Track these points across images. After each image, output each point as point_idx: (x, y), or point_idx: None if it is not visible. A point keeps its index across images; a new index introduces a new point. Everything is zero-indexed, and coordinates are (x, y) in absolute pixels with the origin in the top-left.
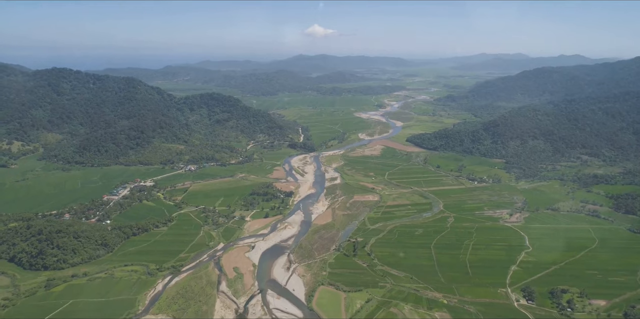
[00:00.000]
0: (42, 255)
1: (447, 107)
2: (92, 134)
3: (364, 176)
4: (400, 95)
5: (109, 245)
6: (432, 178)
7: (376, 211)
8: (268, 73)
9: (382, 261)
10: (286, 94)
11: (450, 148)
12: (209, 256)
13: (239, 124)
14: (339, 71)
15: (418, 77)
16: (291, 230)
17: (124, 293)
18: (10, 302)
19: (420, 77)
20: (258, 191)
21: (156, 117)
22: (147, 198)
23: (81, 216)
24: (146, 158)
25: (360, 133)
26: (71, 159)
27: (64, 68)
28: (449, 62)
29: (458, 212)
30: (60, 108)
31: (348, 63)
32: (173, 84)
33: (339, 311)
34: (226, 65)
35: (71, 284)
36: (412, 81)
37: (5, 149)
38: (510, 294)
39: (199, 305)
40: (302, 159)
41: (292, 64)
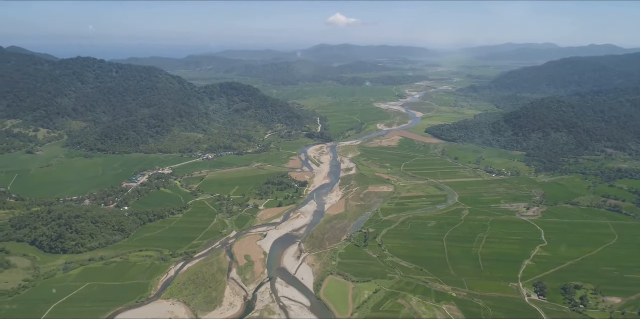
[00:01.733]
0: (62, 239)
1: (469, 98)
2: (113, 122)
3: (379, 167)
4: (422, 85)
5: (125, 230)
6: (448, 170)
7: (390, 202)
8: (289, 62)
9: (392, 252)
10: (306, 83)
11: (469, 140)
12: (221, 243)
13: (257, 113)
14: (360, 61)
15: (441, 67)
16: (303, 219)
17: (137, 277)
18: (30, 283)
19: (443, 67)
20: (273, 180)
21: (176, 105)
22: (165, 186)
23: (100, 202)
24: (165, 146)
25: (378, 123)
26: (93, 146)
27: (87, 57)
28: (474, 52)
29: (473, 204)
30: (84, 96)
31: (370, 53)
32: (195, 73)
33: (346, 301)
34: (248, 54)
35: (88, 268)
36: (435, 70)
37: (31, 135)
38: (522, 288)
39: (209, 291)
40: (319, 148)
41: (313, 53)
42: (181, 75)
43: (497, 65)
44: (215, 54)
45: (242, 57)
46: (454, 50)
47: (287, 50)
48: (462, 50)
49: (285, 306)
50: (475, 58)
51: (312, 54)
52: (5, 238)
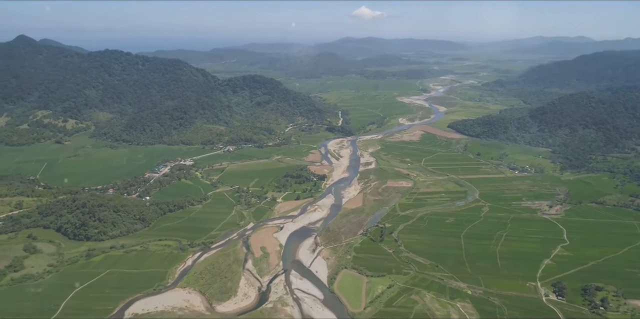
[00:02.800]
0: (85, 227)
1: (495, 93)
2: (138, 114)
3: (399, 162)
4: (447, 79)
5: (146, 220)
6: (470, 166)
7: (408, 198)
8: (312, 56)
9: (408, 247)
10: (329, 77)
11: (493, 135)
12: (238, 235)
13: (279, 106)
14: (385, 54)
15: (467, 61)
16: (320, 213)
17: (156, 266)
18: (54, 268)
19: (469, 61)
20: (292, 174)
21: (199, 98)
22: (186, 177)
23: (123, 192)
24: (188, 138)
25: (400, 118)
26: (119, 137)
27: (115, 50)
28: (502, 46)
29: (494, 201)
30: (111, 88)
31: (395, 46)
32: (220, 66)
33: (359, 295)
34: (272, 47)
35: (109, 255)
36: (461, 64)
37: (60, 126)
38: (540, 288)
39: (225, 281)
40: (339, 142)
41: (338, 46)
42: (206, 68)
43: (525, 59)
44: (239, 48)
45: (266, 51)
46: (481, 44)
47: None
48: (490, 44)
49: (298, 299)
50: (504, 52)
51: (336, 48)
52: (33, 225)
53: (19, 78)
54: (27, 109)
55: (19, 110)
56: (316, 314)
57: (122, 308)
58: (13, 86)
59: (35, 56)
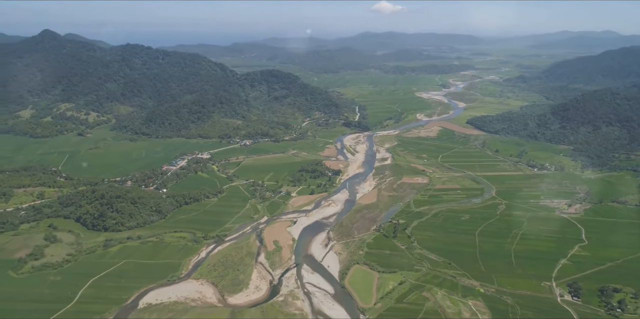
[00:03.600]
0: (103, 217)
1: (516, 89)
2: (158, 107)
3: (416, 158)
4: (467, 75)
5: (162, 212)
6: (488, 163)
7: (423, 194)
8: (331, 50)
9: (421, 244)
10: (348, 72)
11: (512, 132)
12: (252, 228)
13: (296, 101)
14: (404, 49)
15: (489, 56)
16: (334, 208)
17: (170, 257)
18: (73, 257)
19: (491, 56)
20: (307, 168)
21: (217, 92)
22: (202, 170)
23: (141, 184)
24: (205, 132)
25: (418, 113)
26: (138, 130)
27: (136, 44)
28: (526, 40)
29: (511, 199)
30: (132, 82)
31: (416, 41)
32: (239, 60)
33: (370, 291)
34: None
35: (125, 246)
36: (483, 59)
37: (83, 119)
38: (555, 288)
39: (237, 274)
40: (355, 138)
41: (357, 41)
42: (225, 62)
43: (550, 54)
44: (259, 42)
45: (285, 45)
46: (504, 39)
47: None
48: (514, 39)
49: (309, 293)
50: (527, 47)
51: (356, 42)
52: (54, 214)
53: (44, 72)
54: (51, 102)
55: (43, 103)
56: (326, 308)
57: (136, 297)
58: (38, 79)
59: (60, 50)
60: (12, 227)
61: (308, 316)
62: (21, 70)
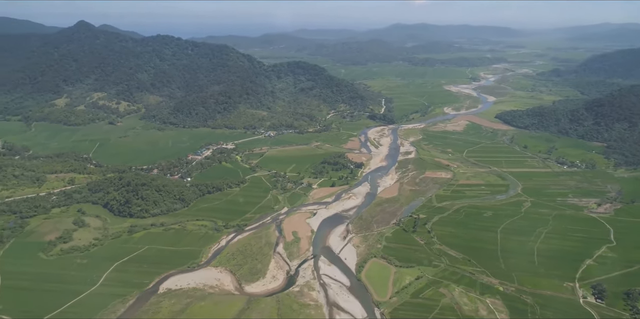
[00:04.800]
0: (129, 204)
1: (550, 83)
2: (186, 97)
3: (440, 152)
4: (499, 68)
5: (186, 200)
6: (515, 159)
7: (446, 189)
8: (360, 42)
9: (441, 240)
10: (376, 64)
11: (543, 127)
12: (272, 219)
13: (322, 93)
14: (435, 41)
15: (524, 49)
16: (355, 201)
17: (191, 245)
18: (99, 241)
19: (526, 48)
20: (329, 160)
21: (244, 83)
22: (226, 160)
23: (167, 172)
24: (231, 122)
25: (445, 107)
26: (166, 119)
27: (166, 35)
28: (564, 32)
29: (537, 197)
30: (162, 73)
31: (448, 33)
32: (268, 51)
33: (386, 285)
34: (321, 33)
35: (149, 232)
36: (516, 52)
37: (114, 108)
38: (578, 289)
39: (255, 263)
40: (380, 131)
41: (387, 33)
42: (254, 53)
43: (588, 47)
44: (289, 33)
45: (315, 37)
46: (541, 31)
47: (361, 30)
48: (551, 31)
49: (325, 284)
50: (565, 39)
51: (386, 34)
52: (83, 200)
53: (79, 62)
54: (84, 91)
55: (77, 92)
56: (341, 300)
57: (157, 282)
58: (73, 68)
59: (94, 41)
60: (44, 211)
61: (322, 308)
62: (57, 60)
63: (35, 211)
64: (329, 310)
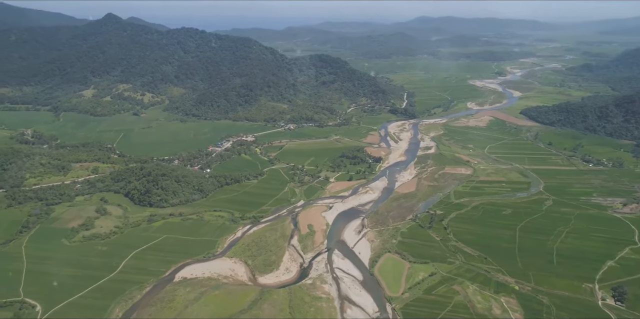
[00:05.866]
0: (149, 194)
1: (579, 78)
2: (208, 90)
3: (461, 148)
4: (527, 62)
5: (204, 191)
6: (538, 156)
7: (465, 185)
8: (385, 35)
9: (457, 236)
10: (400, 57)
11: (569, 124)
12: (288, 211)
13: (343, 86)
14: (461, 35)
15: (553, 43)
16: (371, 195)
17: (208, 235)
18: (119, 229)
19: (556, 42)
20: (348, 154)
21: (266, 76)
22: (246, 152)
23: (187, 163)
24: (252, 115)
25: (469, 102)
26: (189, 111)
27: (190, 28)
28: (598, 26)
29: (559, 195)
30: (186, 65)
31: (475, 26)
32: (291, 44)
33: (399, 280)
34: (345, 26)
35: (167, 221)
36: (546, 46)
37: (138, 99)
38: (597, 291)
39: (269, 255)
40: (400, 125)
41: (412, 26)
42: (278, 46)
43: (623, 41)
44: (313, 26)
45: (339, 30)
46: (573, 24)
47: (386, 23)
48: (583, 24)
49: (337, 278)
50: (598, 33)
51: (411, 27)
52: (106, 189)
53: (106, 54)
54: (111, 83)
55: (104, 83)
56: (353, 294)
57: (173, 271)
58: (100, 60)
59: (120, 33)
60: (69, 198)
61: (334, 301)
62: (86, 52)
63: (60, 199)
64: (340, 304)
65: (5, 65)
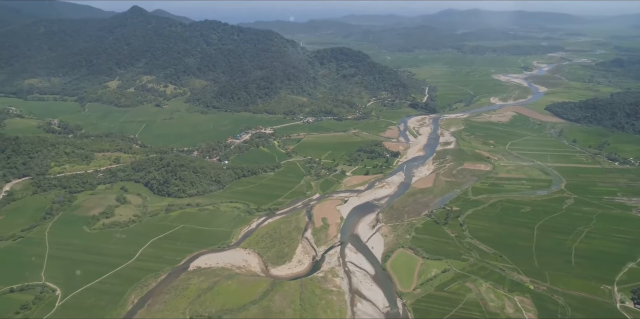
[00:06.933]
0: (167, 184)
1: (610, 74)
2: (229, 82)
3: (482, 144)
4: (555, 57)
5: (221, 182)
6: (562, 153)
7: (483, 182)
8: (408, 28)
9: (473, 234)
10: (423, 51)
11: (596, 121)
12: (303, 204)
13: (363, 80)
14: (487, 28)
15: (583, 37)
16: (387, 190)
17: (223, 226)
18: (138, 218)
19: (586, 36)
20: (365, 148)
21: (286, 69)
22: (264, 144)
23: (206, 155)
24: (271, 108)
25: (492, 97)
26: (210, 103)
27: (213, 20)
28: (630, 19)
29: (582, 194)
30: (208, 57)
31: (502, 19)
32: (313, 37)
33: (411, 276)
34: (369, 19)
35: (185, 212)
36: (575, 40)
37: (161, 91)
38: (615, 293)
39: (282, 247)
40: (420, 120)
41: (438, 19)
42: (300, 39)
43: None
44: (336, 19)
45: (363, 22)
46: (606, 18)
47: (410, 16)
48: (617, 18)
49: (349, 272)
50: (631, 27)
51: (436, 20)
52: (126, 178)
53: (131, 46)
54: (135, 74)
55: (128, 74)
56: (364, 288)
57: (188, 260)
58: (125, 52)
59: (145, 26)
60: (91, 187)
61: (345, 295)
62: (111, 44)
63: (82, 187)
64: (350, 297)
65: (35, 57)
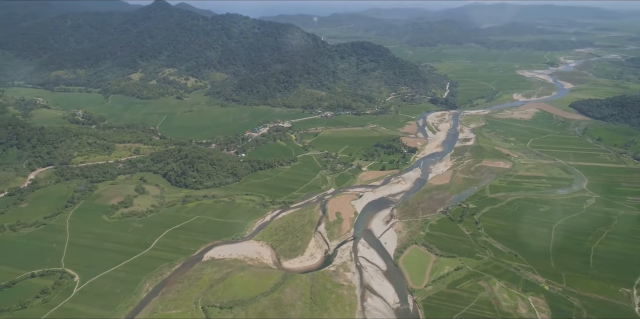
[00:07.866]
0: (185, 175)
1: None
2: (249, 75)
3: (502, 141)
4: (583, 52)
5: (238, 175)
6: (585, 152)
7: (502, 180)
8: (431, 23)
9: (488, 232)
10: (446, 45)
11: (623, 119)
12: (317, 198)
13: (383, 74)
14: (513, 22)
15: (614, 32)
16: (403, 186)
17: (238, 218)
18: (155, 208)
19: (617, 31)
20: (382, 143)
21: (306, 63)
22: (281, 138)
23: (223, 147)
24: (290, 101)
25: (515, 93)
26: (229, 96)
27: (235, 14)
28: None
29: (604, 194)
30: (229, 50)
31: (530, 13)
32: (336, 31)
33: (423, 273)
34: (393, 13)
35: (201, 203)
36: (605, 35)
37: (182, 83)
38: (635, 296)
39: (295, 240)
40: (440, 115)
41: (463, 13)
42: (322, 33)
43: None
44: (359, 13)
45: (386, 16)
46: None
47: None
48: None
49: (361, 267)
50: None
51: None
52: (146, 169)
53: (154, 39)
54: (157, 67)
55: (151, 67)
56: (375, 284)
57: (202, 250)
58: (148, 45)
59: (168, 19)
60: (111, 177)
61: (355, 289)
62: (135, 37)
63: (103, 177)
64: (361, 292)
65: (62, 49)
